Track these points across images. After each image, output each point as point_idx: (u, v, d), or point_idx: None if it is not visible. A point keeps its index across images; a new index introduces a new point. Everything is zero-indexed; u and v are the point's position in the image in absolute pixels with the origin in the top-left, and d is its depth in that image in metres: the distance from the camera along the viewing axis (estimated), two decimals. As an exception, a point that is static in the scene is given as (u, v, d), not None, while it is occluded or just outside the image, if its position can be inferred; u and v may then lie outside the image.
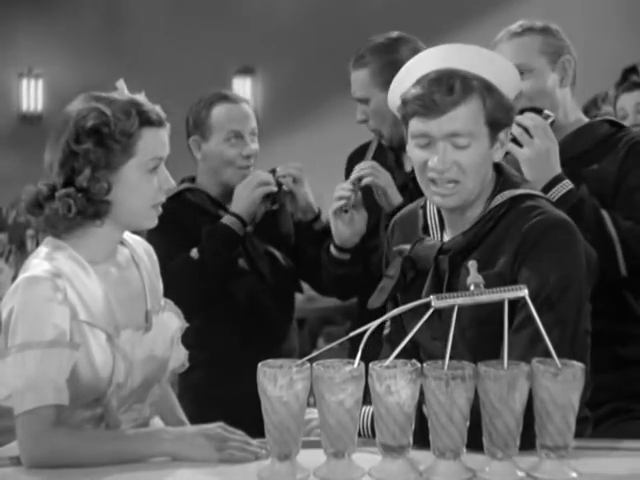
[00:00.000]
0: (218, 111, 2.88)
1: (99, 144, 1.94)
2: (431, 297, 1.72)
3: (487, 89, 1.93)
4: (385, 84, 2.69)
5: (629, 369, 2.31)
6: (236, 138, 2.87)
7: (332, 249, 2.68)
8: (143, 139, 1.97)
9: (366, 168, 2.66)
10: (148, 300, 2.07)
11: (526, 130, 2.25)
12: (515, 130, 2.20)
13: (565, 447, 1.64)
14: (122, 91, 2.03)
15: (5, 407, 1.89)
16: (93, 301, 1.94)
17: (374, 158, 2.80)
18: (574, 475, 1.63)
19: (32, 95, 8.07)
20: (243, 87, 7.95)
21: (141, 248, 2.15)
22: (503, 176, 2.02)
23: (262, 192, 2.80)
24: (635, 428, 2.22)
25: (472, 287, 1.75)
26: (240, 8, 7.80)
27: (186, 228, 2.83)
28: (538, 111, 2.31)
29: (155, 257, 2.20)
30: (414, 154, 1.97)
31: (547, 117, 2.31)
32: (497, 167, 2.02)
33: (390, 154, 2.79)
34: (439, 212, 2.05)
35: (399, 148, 2.76)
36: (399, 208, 2.59)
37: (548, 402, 1.62)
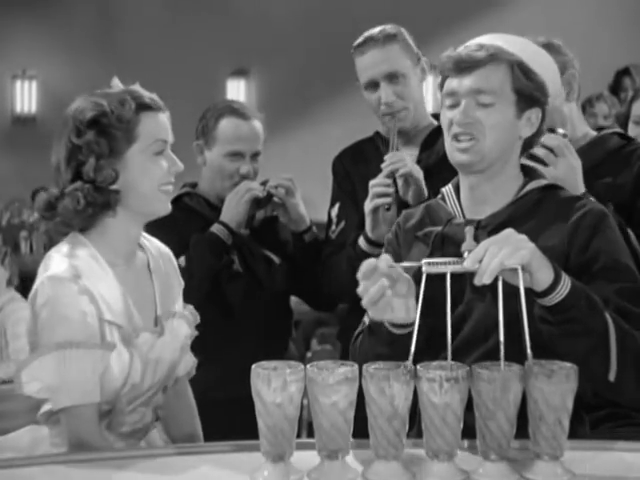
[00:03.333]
0: (225, 125, 2.88)
1: (100, 134, 1.98)
2: (422, 262, 1.74)
3: (518, 63, 2.01)
4: (417, 60, 2.74)
5: None
6: (237, 156, 2.87)
7: (363, 244, 2.65)
8: (142, 123, 2.00)
9: (401, 159, 2.63)
10: (158, 306, 2.08)
11: (551, 150, 2.29)
12: (540, 151, 2.26)
13: (559, 448, 1.64)
14: (116, 86, 2.05)
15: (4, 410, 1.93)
16: (114, 301, 1.97)
17: (369, 158, 2.80)
18: (568, 476, 1.63)
19: (26, 97, 8.08)
20: (237, 89, 7.96)
21: (157, 252, 2.17)
22: (531, 173, 2.09)
23: (248, 198, 2.81)
24: (631, 435, 2.22)
25: (466, 254, 1.73)
26: (234, 10, 7.80)
27: (183, 233, 2.83)
28: (551, 130, 2.33)
29: (174, 260, 2.22)
30: (443, 116, 2.05)
31: (564, 136, 2.33)
32: (524, 168, 2.09)
33: (386, 149, 2.79)
34: (459, 201, 2.09)
35: (411, 136, 2.77)
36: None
37: (542, 403, 1.62)
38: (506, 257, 1.70)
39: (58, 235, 2.06)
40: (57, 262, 1.96)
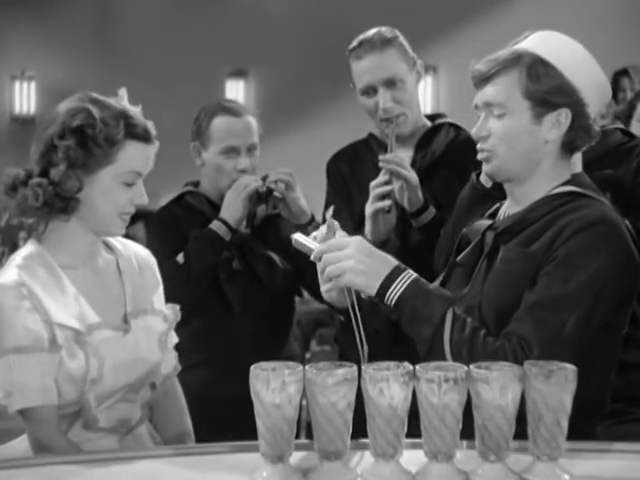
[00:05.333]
0: (218, 123, 2.89)
1: (80, 144, 1.98)
2: (293, 236, 2.02)
3: (534, 66, 1.97)
4: (413, 64, 2.73)
5: (630, 373, 2.31)
6: (233, 152, 2.88)
7: None
8: (126, 150, 2.01)
9: (400, 162, 2.60)
10: (128, 304, 2.10)
11: None
12: None
13: (557, 449, 1.64)
14: (121, 99, 2.05)
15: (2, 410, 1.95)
16: (63, 304, 1.99)
17: (363, 160, 2.80)
18: (566, 477, 1.63)
19: (25, 97, 8.08)
20: (236, 89, 7.96)
21: (130, 253, 2.18)
22: (575, 177, 2.05)
23: (246, 193, 2.81)
24: (632, 429, 2.22)
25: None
26: (233, 10, 7.79)
27: (184, 231, 2.84)
28: None
29: (151, 262, 2.23)
30: None
31: None
32: (574, 175, 2.05)
33: (381, 152, 2.78)
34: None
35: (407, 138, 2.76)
36: (424, 207, 2.59)
37: (540, 404, 1.62)
38: (327, 277, 1.95)
39: (13, 215, 2.08)
40: (6, 271, 1.99)
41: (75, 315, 2.00)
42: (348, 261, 1.91)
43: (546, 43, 2.02)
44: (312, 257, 1.98)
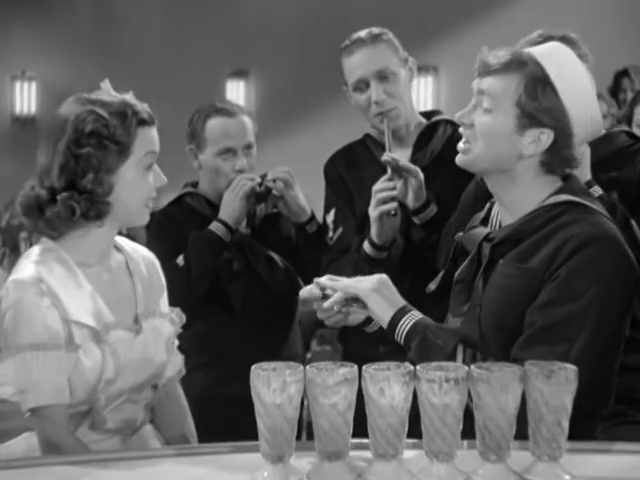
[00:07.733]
0: (212, 125, 2.89)
1: (99, 147, 1.97)
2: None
3: (535, 82, 1.95)
4: (404, 60, 2.73)
5: (629, 375, 2.31)
6: (229, 153, 2.87)
7: (368, 249, 2.62)
8: (138, 138, 2.01)
9: (402, 159, 2.60)
10: (138, 304, 2.09)
11: None
12: None
13: (558, 449, 1.64)
14: (108, 91, 2.04)
15: (2, 410, 1.95)
16: (81, 302, 1.98)
17: (361, 161, 2.79)
18: (567, 477, 1.63)
19: (25, 97, 8.09)
20: (237, 90, 7.96)
21: (139, 256, 2.18)
22: (567, 183, 2.03)
23: (244, 192, 2.81)
24: (629, 432, 2.22)
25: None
26: (234, 11, 7.80)
27: (183, 233, 2.84)
28: None
29: (157, 264, 2.24)
30: None
31: None
32: (565, 177, 2.04)
33: (378, 151, 2.77)
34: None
35: (403, 133, 2.76)
36: (426, 204, 2.58)
37: (541, 404, 1.62)
38: (342, 287, 2.05)
39: (36, 232, 2.08)
40: (23, 267, 1.98)
41: (92, 313, 1.99)
42: (371, 279, 2.03)
43: (555, 60, 2.00)
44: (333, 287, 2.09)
